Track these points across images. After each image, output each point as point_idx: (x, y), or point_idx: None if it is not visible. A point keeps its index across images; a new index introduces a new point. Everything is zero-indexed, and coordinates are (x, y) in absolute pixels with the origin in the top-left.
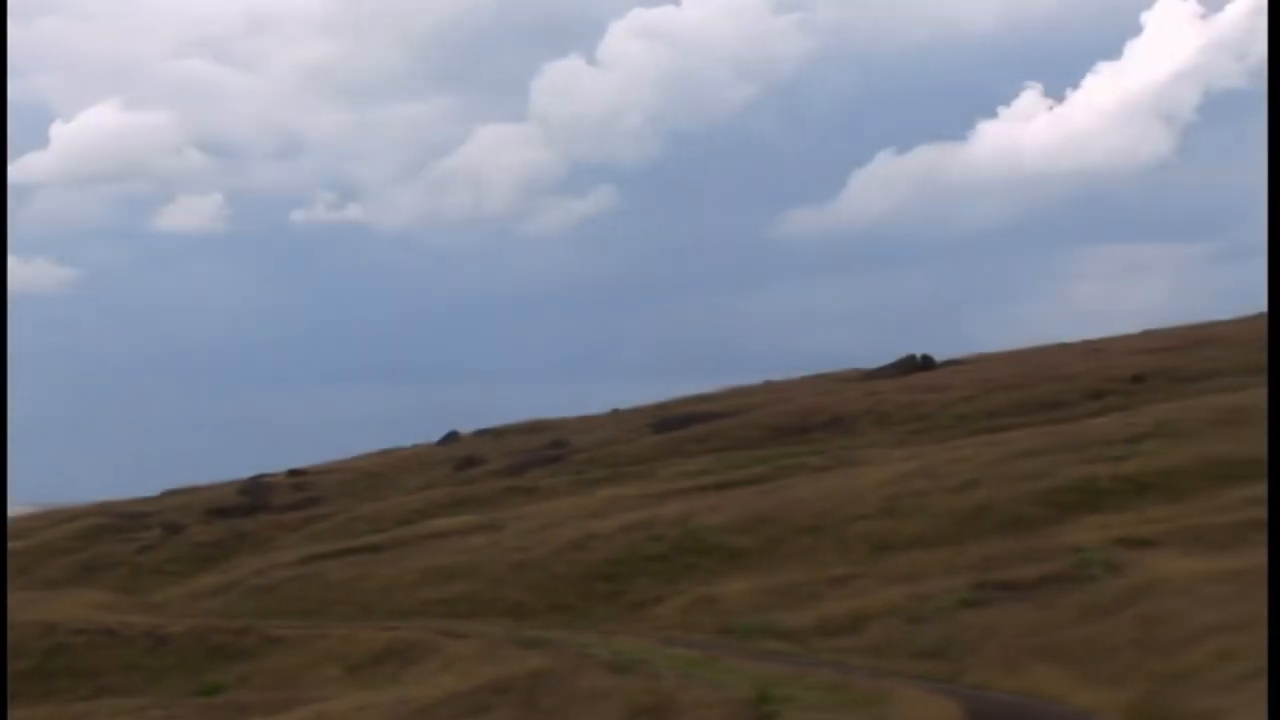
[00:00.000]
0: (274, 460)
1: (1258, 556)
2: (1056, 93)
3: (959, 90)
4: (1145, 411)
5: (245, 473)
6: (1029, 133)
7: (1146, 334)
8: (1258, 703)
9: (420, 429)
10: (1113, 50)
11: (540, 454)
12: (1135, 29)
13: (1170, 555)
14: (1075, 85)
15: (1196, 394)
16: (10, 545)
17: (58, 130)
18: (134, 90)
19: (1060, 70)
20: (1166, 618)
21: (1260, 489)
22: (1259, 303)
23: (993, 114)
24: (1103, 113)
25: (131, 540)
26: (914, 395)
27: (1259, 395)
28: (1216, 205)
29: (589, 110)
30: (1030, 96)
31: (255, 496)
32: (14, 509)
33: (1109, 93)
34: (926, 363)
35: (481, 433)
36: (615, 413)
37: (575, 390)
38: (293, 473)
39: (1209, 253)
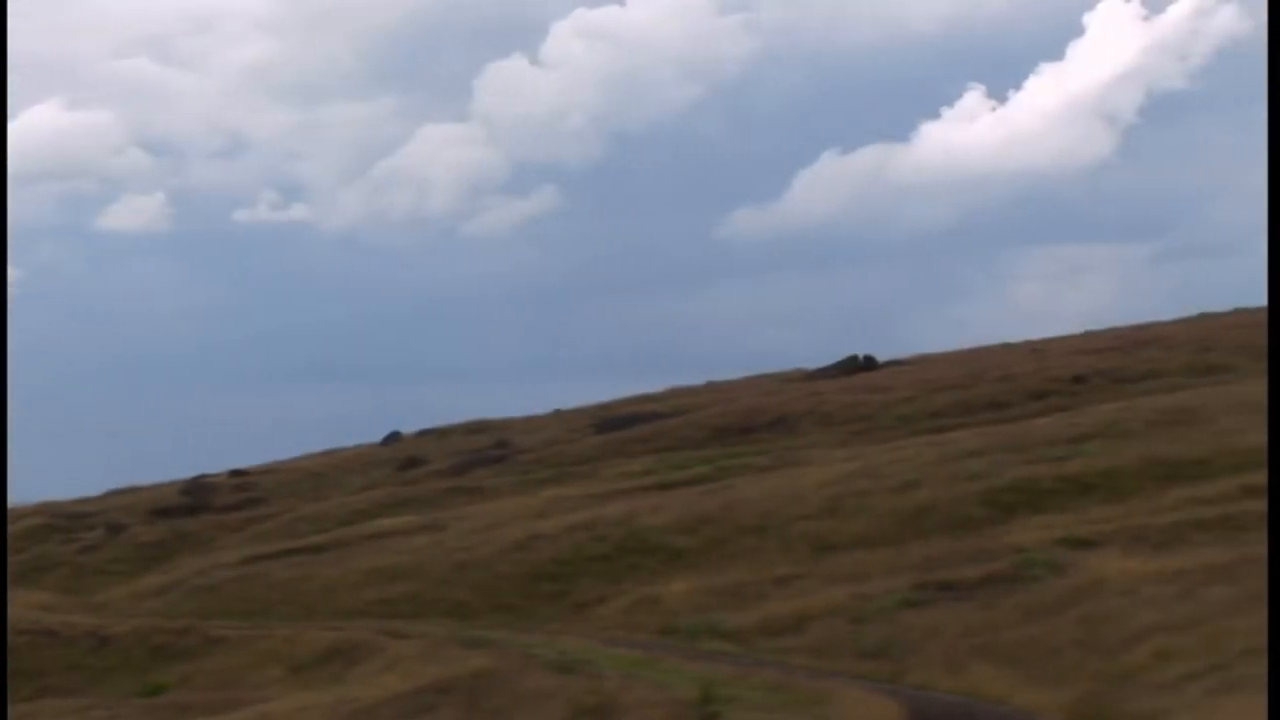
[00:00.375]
0: (216, 460)
1: (1199, 556)
2: (999, 94)
3: (903, 91)
4: (1087, 412)
5: (187, 473)
6: (972, 133)
7: (1088, 335)
8: (1199, 703)
9: (363, 429)
10: (1055, 51)
11: (483, 454)
12: (1077, 30)
13: (1112, 555)
14: (1018, 86)
15: (1138, 394)
16: None
17: None
18: (76, 89)
19: (1003, 71)
20: (1108, 618)
21: (1200, 489)
22: (1200, 303)
23: (936, 115)
24: (1045, 114)
25: (74, 540)
26: (856, 395)
27: (1200, 396)
28: (1158, 206)
29: (532, 110)
30: (973, 97)
31: (197, 497)
32: None
33: (1051, 94)
34: (869, 363)
35: (424, 433)
36: (558, 413)
37: (519, 390)
38: (235, 473)
39: (1150, 254)
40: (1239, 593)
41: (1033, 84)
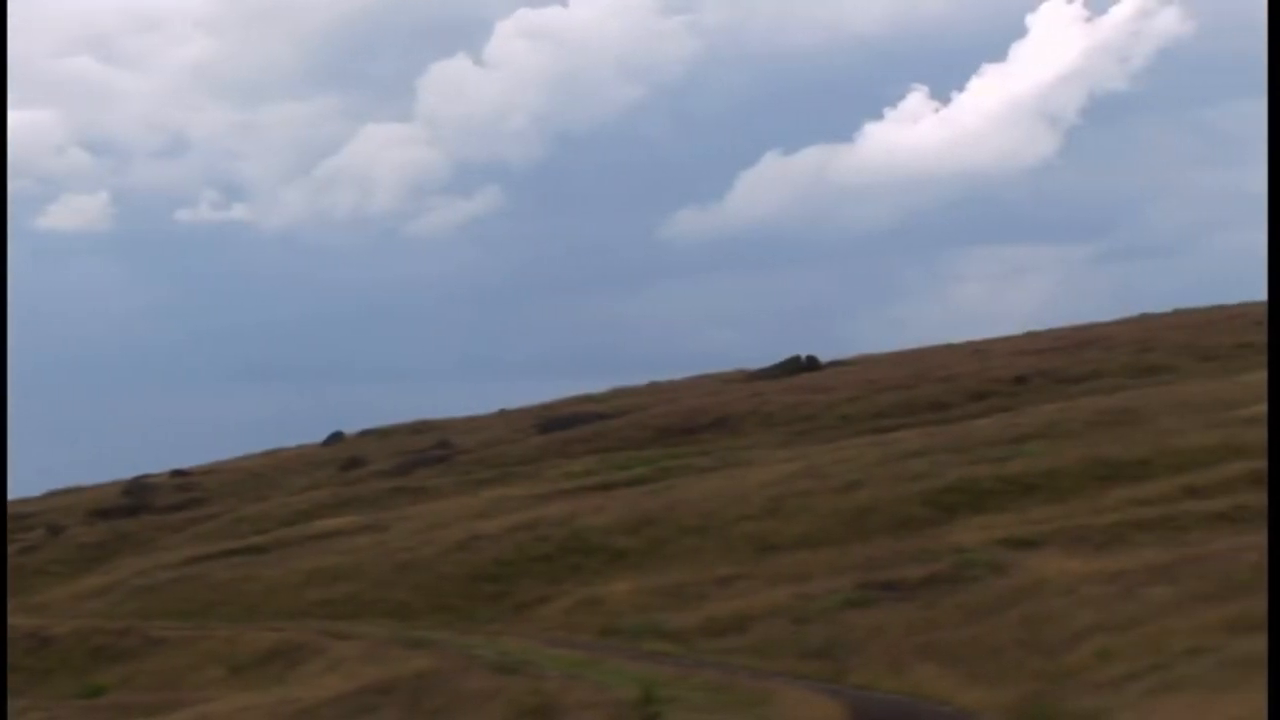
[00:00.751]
0: (157, 461)
1: (1140, 557)
2: (942, 94)
3: (846, 92)
4: (1028, 412)
5: (128, 473)
6: (915, 134)
7: (1029, 335)
8: (1139, 702)
9: (304, 429)
10: (997, 52)
11: (426, 454)
12: (1020, 31)
13: (1053, 556)
14: (960, 87)
15: (1079, 395)
16: None
17: None
18: (17, 88)
19: (945, 72)
20: (1049, 618)
21: (1141, 489)
22: (1141, 304)
23: (879, 115)
24: (987, 114)
25: (14, 541)
26: (799, 396)
27: (1141, 396)
28: (1099, 207)
29: (476, 110)
30: (916, 98)
31: (138, 497)
32: None
33: (994, 94)
34: (811, 364)
35: (367, 433)
36: (501, 413)
37: (461, 390)
38: (176, 473)
39: (1092, 254)
40: (1179, 593)
41: (975, 85)
